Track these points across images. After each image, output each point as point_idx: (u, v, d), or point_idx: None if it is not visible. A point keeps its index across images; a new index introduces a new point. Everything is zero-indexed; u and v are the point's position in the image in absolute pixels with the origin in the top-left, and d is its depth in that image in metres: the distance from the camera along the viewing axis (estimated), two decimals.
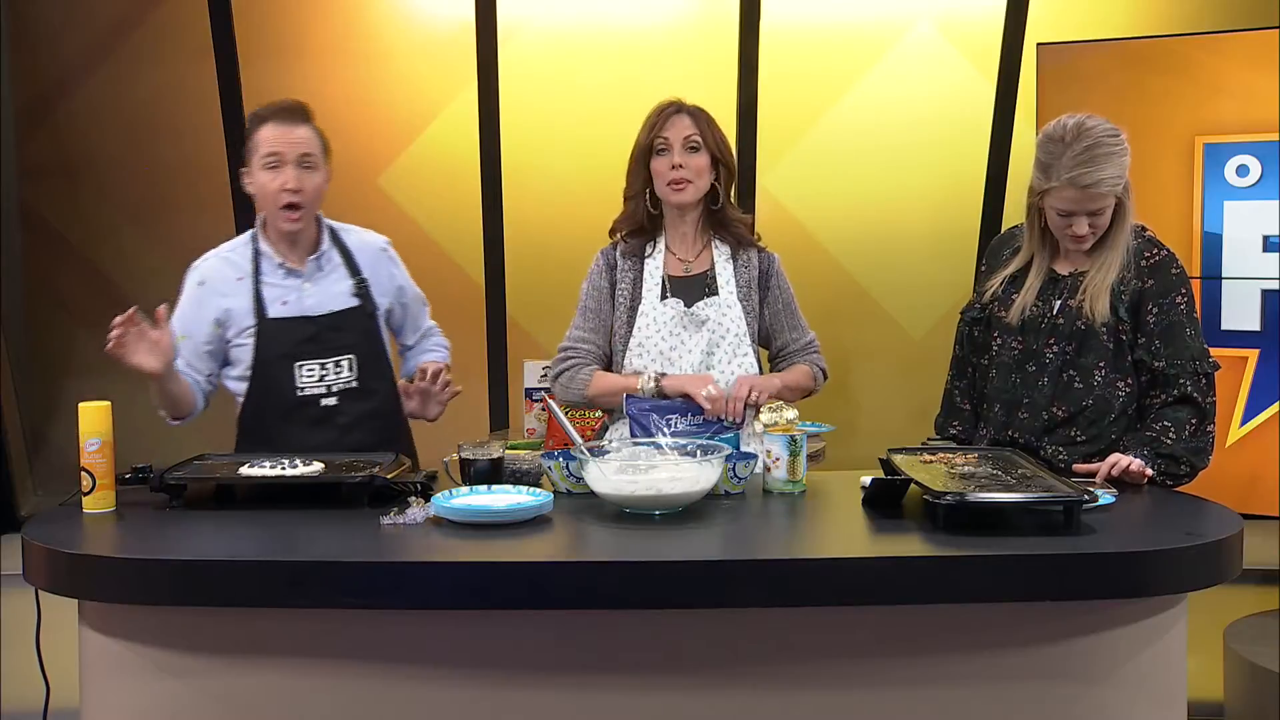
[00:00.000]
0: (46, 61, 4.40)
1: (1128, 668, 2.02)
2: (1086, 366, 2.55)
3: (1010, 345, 2.63)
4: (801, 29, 4.34)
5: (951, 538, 2.03)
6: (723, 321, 2.67)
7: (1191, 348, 2.51)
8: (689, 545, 2.08)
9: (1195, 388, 2.49)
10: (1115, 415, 2.55)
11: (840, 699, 1.99)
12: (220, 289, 2.67)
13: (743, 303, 2.70)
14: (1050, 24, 4.16)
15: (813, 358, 2.82)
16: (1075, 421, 2.56)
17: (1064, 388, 2.57)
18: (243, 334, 2.66)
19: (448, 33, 4.35)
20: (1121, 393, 2.55)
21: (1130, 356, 2.54)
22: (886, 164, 4.36)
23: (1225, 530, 2.07)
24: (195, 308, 2.68)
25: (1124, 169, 2.48)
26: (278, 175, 2.60)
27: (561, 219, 4.26)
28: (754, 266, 2.73)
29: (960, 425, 2.77)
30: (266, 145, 2.61)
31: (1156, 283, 2.53)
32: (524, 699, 1.98)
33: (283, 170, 2.60)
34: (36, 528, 2.15)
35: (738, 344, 2.68)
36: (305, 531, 2.16)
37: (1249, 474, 3.48)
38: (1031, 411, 2.59)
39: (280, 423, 2.66)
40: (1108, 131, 2.48)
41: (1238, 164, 3.49)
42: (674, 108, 2.69)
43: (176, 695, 2.01)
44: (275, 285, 2.68)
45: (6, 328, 4.24)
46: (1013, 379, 2.62)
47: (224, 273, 2.69)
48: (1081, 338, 2.54)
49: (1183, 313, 2.53)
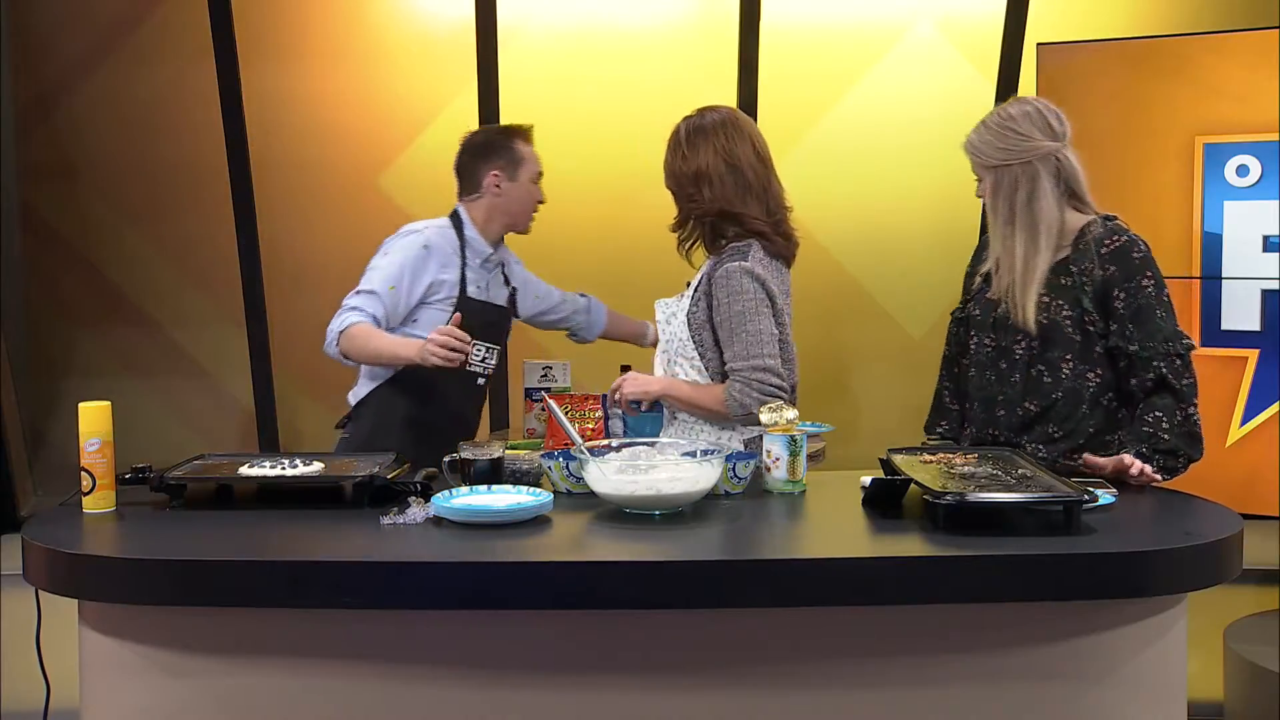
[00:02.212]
0: (46, 61, 4.39)
1: (1128, 668, 2.02)
2: (1053, 360, 2.57)
3: (984, 343, 2.66)
4: (801, 29, 4.34)
5: (951, 538, 2.03)
6: (670, 324, 2.75)
7: (1164, 329, 2.51)
8: (689, 545, 2.08)
9: (1170, 369, 2.49)
10: (1088, 407, 2.56)
11: (840, 699, 1.99)
12: (440, 259, 3.04)
13: (692, 309, 2.71)
14: (1050, 24, 4.16)
15: (732, 385, 2.60)
16: (1049, 416, 2.58)
17: (1034, 382, 2.59)
18: (444, 302, 3.03)
19: (448, 33, 4.35)
20: (1091, 384, 2.56)
21: (1100, 346, 2.55)
22: (886, 164, 4.37)
23: (1225, 530, 2.07)
24: (417, 266, 3.01)
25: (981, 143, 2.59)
26: (538, 190, 3.14)
27: (561, 219, 4.25)
28: (704, 276, 2.73)
29: (947, 424, 2.80)
30: (534, 163, 3.13)
31: (1119, 269, 2.53)
32: (524, 699, 1.98)
33: (537, 185, 3.14)
34: (36, 528, 2.15)
35: (682, 348, 2.72)
36: (305, 531, 2.16)
37: (1249, 474, 3.48)
38: (1007, 408, 2.62)
39: (437, 384, 2.99)
40: (1003, 109, 2.62)
41: (1238, 164, 3.49)
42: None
43: (176, 695, 2.01)
44: (474, 269, 3.11)
45: (6, 328, 4.24)
46: (988, 376, 2.66)
47: (444, 246, 3.06)
48: (1045, 332, 2.56)
49: (1151, 295, 2.52)
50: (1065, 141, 2.58)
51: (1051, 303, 2.55)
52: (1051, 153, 2.55)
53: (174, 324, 4.47)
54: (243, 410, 4.45)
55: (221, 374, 4.47)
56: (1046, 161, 2.55)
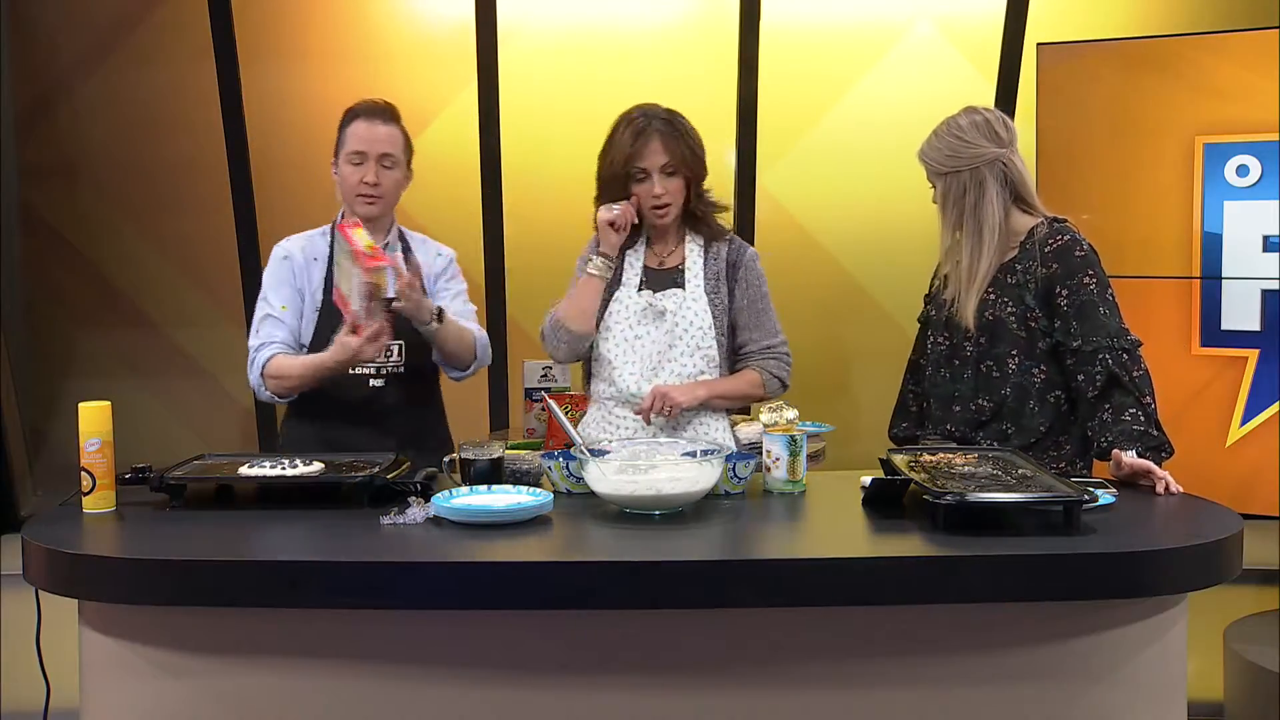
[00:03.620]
0: (46, 61, 4.39)
1: (1128, 668, 2.02)
2: (1000, 356, 2.66)
3: (939, 342, 2.78)
4: (801, 29, 4.34)
5: (951, 538, 2.03)
6: (685, 315, 2.70)
7: (1108, 325, 2.58)
8: (689, 545, 2.08)
9: (1116, 363, 2.55)
10: (1035, 404, 2.64)
11: (840, 699, 1.99)
12: (299, 267, 2.87)
13: (710, 295, 2.72)
14: (1050, 24, 4.16)
15: (767, 364, 2.74)
16: (1001, 414, 2.66)
17: (984, 379, 2.68)
18: (313, 311, 2.84)
19: (448, 33, 4.35)
20: (1037, 379, 2.64)
21: (1043, 344, 2.63)
22: (886, 164, 4.35)
23: (1225, 530, 2.07)
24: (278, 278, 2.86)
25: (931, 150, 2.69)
26: (358, 170, 2.81)
27: (561, 219, 4.24)
28: (722, 259, 2.75)
29: (906, 425, 2.90)
30: (353, 142, 2.82)
31: (1061, 267, 2.61)
32: (524, 699, 1.98)
33: (364, 166, 2.81)
34: (36, 528, 2.15)
35: (701, 337, 2.70)
36: (305, 531, 2.16)
37: (1249, 474, 3.48)
38: (962, 404, 2.71)
39: (329, 399, 2.80)
40: (953, 117, 2.70)
41: (1238, 164, 3.49)
42: (642, 125, 2.66)
43: (176, 695, 2.01)
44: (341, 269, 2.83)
45: (6, 328, 4.24)
46: (942, 373, 2.76)
47: (308, 254, 2.88)
48: (992, 329, 2.66)
49: (1093, 292, 2.60)
50: (1012, 147, 2.67)
51: (996, 300, 2.65)
52: (998, 159, 2.64)
53: (174, 324, 4.47)
54: (243, 410, 4.45)
55: (221, 374, 4.46)
56: (993, 167, 2.64)
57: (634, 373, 2.70)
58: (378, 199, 2.83)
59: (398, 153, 2.85)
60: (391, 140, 2.84)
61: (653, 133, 2.65)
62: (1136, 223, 3.64)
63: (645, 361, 2.70)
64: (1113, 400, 2.53)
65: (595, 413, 2.78)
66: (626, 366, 2.70)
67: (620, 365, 2.70)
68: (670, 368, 2.70)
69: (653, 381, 2.68)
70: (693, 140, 2.70)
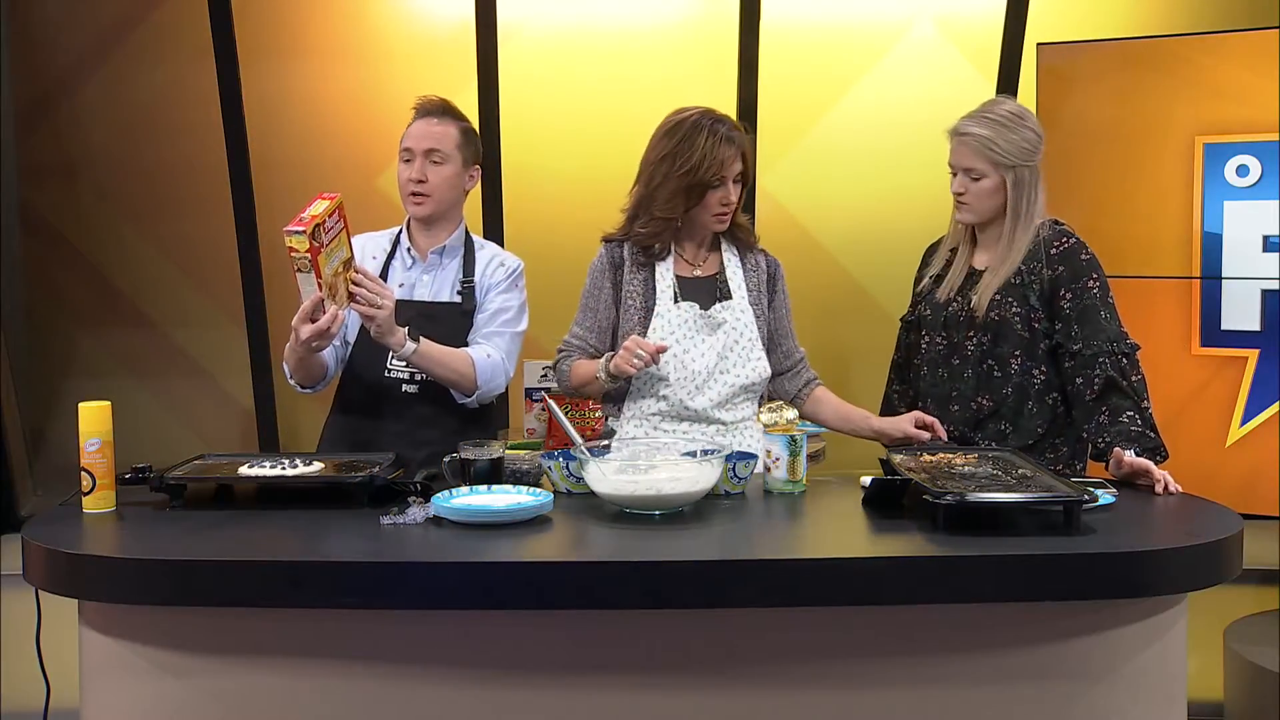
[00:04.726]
0: (46, 61, 4.39)
1: (1128, 668, 2.02)
2: (1003, 356, 2.65)
3: (936, 341, 2.76)
4: (801, 29, 4.33)
5: (951, 538, 2.03)
6: (738, 325, 2.69)
7: (1108, 329, 2.59)
8: (689, 545, 2.08)
9: (1115, 367, 2.55)
10: (1034, 404, 2.65)
11: (840, 699, 1.99)
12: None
13: (754, 306, 2.73)
14: (1050, 24, 4.16)
15: (808, 369, 2.85)
16: (1001, 413, 2.66)
17: (985, 378, 2.68)
18: None
19: (448, 33, 4.34)
20: (1037, 380, 2.65)
21: (1044, 345, 2.63)
22: (886, 164, 4.36)
23: (1225, 530, 2.08)
24: None
25: (1005, 143, 2.62)
26: (407, 169, 2.80)
27: (561, 219, 4.25)
28: (762, 270, 2.77)
29: None
30: (405, 140, 2.82)
31: (1066, 269, 2.62)
32: (524, 699, 1.98)
33: (412, 164, 2.79)
34: (36, 528, 2.15)
35: (751, 347, 2.69)
36: (305, 531, 2.16)
37: (1249, 474, 3.47)
38: (961, 403, 2.70)
39: (366, 400, 2.79)
40: (1011, 108, 2.67)
41: (1238, 164, 3.49)
42: (724, 133, 2.63)
43: (176, 695, 2.01)
44: (399, 271, 2.86)
45: (6, 328, 4.24)
46: (940, 373, 2.74)
47: (367, 251, 2.86)
48: (996, 328, 2.65)
49: (1096, 296, 2.61)
50: None
51: (1003, 300, 2.64)
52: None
53: (174, 324, 4.47)
54: (243, 410, 4.45)
55: (221, 374, 4.46)
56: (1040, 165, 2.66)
57: (685, 386, 2.65)
58: (425, 197, 2.78)
59: (447, 149, 2.78)
60: (440, 136, 2.78)
61: (732, 141, 2.64)
62: (1136, 222, 3.63)
63: (697, 375, 2.66)
64: (1110, 403, 2.54)
65: (634, 429, 2.69)
66: (679, 381, 2.65)
67: (674, 380, 2.65)
68: (723, 379, 2.67)
69: (704, 393, 2.65)
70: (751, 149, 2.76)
